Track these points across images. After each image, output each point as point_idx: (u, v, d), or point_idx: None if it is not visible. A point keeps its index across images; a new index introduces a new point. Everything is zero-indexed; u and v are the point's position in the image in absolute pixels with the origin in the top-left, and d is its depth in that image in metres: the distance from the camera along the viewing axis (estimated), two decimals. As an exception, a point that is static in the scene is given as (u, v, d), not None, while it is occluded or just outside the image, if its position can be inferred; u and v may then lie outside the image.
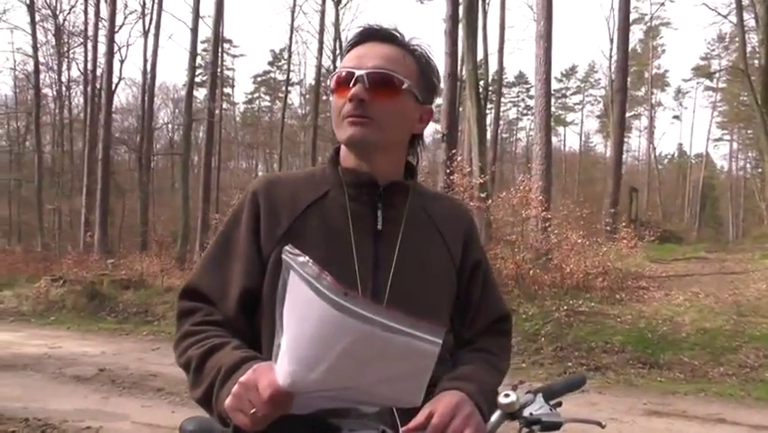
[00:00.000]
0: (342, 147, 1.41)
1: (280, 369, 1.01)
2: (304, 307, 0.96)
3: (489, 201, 12.64)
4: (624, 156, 26.75)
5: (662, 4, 36.31)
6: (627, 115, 31.70)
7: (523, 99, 54.27)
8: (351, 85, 1.31)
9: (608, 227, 16.18)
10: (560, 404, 1.40)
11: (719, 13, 27.99)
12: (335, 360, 0.96)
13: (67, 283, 14.54)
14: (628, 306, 10.11)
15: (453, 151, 13.97)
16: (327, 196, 1.38)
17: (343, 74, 1.34)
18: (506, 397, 1.28)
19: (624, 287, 11.62)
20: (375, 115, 1.31)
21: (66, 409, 5.68)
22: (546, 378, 7.32)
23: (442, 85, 14.65)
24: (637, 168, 51.38)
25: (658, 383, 7.20)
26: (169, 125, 44.47)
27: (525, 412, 1.31)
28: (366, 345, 0.94)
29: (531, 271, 11.04)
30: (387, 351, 0.95)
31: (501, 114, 40.57)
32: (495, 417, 1.30)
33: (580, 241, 11.95)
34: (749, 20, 24.78)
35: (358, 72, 1.31)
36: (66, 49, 32.03)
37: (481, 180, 13.96)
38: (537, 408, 1.32)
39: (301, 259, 0.99)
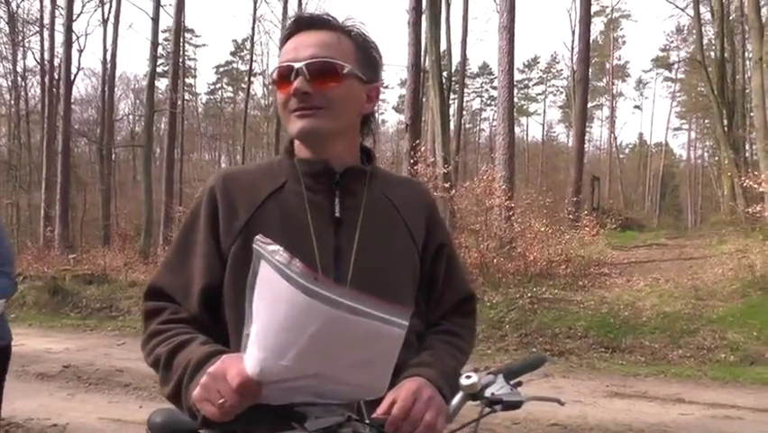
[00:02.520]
0: None
1: (249, 357, 1.02)
2: (274, 294, 0.98)
3: (453, 191, 12.76)
4: (586, 145, 27.13)
5: (622, -5, 36.80)
6: (589, 105, 32.22)
7: (486, 90, 54.58)
8: (292, 79, 1.31)
9: (570, 216, 16.43)
10: (520, 384, 1.42)
11: (677, 6, 28.60)
12: (304, 345, 0.97)
13: (27, 279, 14.24)
14: (591, 292, 10.33)
15: (417, 141, 14.05)
16: (285, 187, 1.38)
17: (283, 68, 1.33)
18: (467, 378, 1.31)
19: (586, 274, 11.87)
20: (321, 104, 1.31)
21: (31, 408, 5.60)
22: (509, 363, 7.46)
23: (405, 75, 14.89)
24: (599, 157, 52.12)
25: (620, 366, 7.38)
26: (130, 117, 43.81)
27: (487, 393, 1.34)
28: (334, 329, 0.96)
29: (495, 260, 11.20)
30: (354, 335, 0.97)
31: (464, 104, 40.79)
32: (457, 398, 1.33)
33: (543, 229, 12.16)
34: (705, 13, 25.38)
35: (296, 65, 1.31)
36: (21, 37, 31.21)
37: (445, 170, 14.09)
38: (498, 388, 1.35)
39: (271, 247, 1.01)
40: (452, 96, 27.45)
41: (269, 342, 1.00)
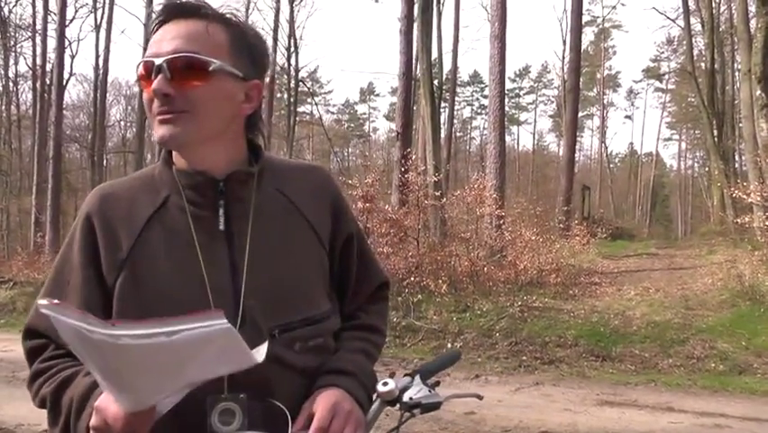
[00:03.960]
0: None
1: (115, 400, 1.01)
2: (90, 348, 0.94)
3: (444, 199, 12.82)
4: (576, 155, 27.28)
5: (614, 7, 37.36)
6: (580, 114, 32.44)
7: (477, 98, 54.92)
8: (152, 77, 1.15)
9: (561, 225, 16.55)
10: (438, 383, 1.40)
11: (668, 17, 29.00)
12: (152, 374, 0.96)
13: (17, 285, 14.17)
14: (581, 301, 10.37)
15: (408, 149, 14.12)
16: (167, 203, 1.24)
17: (143, 64, 1.17)
18: (384, 385, 1.28)
19: (577, 283, 11.93)
20: (183, 107, 1.15)
21: (21, 414, 5.56)
22: (502, 372, 7.48)
23: (396, 84, 14.94)
24: (590, 166, 52.48)
25: (610, 375, 7.41)
26: (122, 123, 43.67)
27: (405, 397, 1.31)
28: (165, 353, 0.93)
29: (485, 268, 11.22)
30: (188, 348, 0.93)
31: (455, 112, 40.94)
32: (375, 406, 1.30)
33: (533, 238, 12.22)
34: (696, 24, 25.62)
35: (157, 61, 1.14)
36: (12, 43, 31.11)
37: (436, 179, 14.16)
38: (416, 391, 1.33)
39: (57, 308, 0.93)
40: (442, 104, 27.61)
41: (119, 383, 0.98)
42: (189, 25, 1.17)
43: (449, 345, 8.59)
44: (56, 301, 0.94)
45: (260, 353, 1.03)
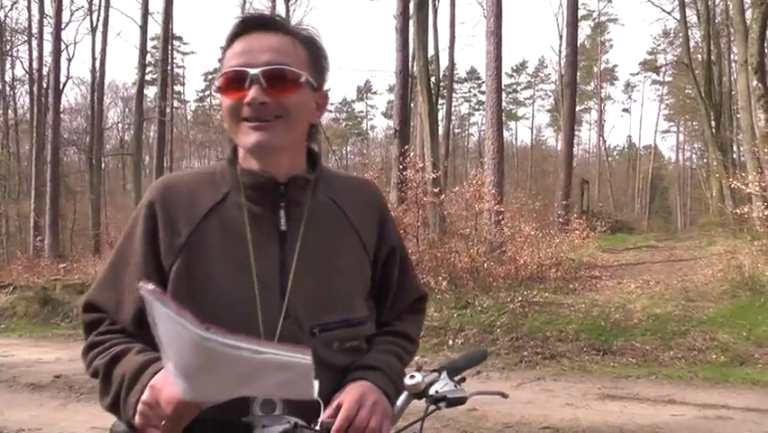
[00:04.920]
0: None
1: (177, 385, 1.05)
2: (176, 338, 0.99)
3: (443, 196, 12.80)
4: (575, 149, 27.31)
5: (610, 0, 37.14)
6: (578, 108, 32.38)
7: (474, 95, 54.94)
8: (246, 86, 1.23)
9: (560, 219, 16.53)
10: (464, 380, 1.44)
11: (664, 10, 29.07)
12: (223, 378, 1.00)
13: (17, 290, 14.17)
14: (581, 295, 10.37)
15: (406, 146, 14.09)
16: (227, 199, 1.32)
17: (234, 73, 1.25)
18: (411, 378, 1.32)
19: (577, 277, 11.92)
20: (278, 113, 1.25)
21: (22, 419, 5.57)
22: (503, 367, 7.49)
23: (393, 81, 14.95)
24: (588, 160, 52.42)
25: (611, 369, 7.42)
26: (120, 125, 43.69)
27: (431, 391, 1.35)
28: (245, 366, 0.98)
29: (485, 264, 11.21)
30: (266, 367, 0.98)
31: (453, 109, 41.00)
32: (402, 398, 1.35)
33: (533, 233, 12.22)
34: (692, 16, 25.63)
35: (252, 71, 1.23)
36: (9, 47, 31.13)
37: (434, 175, 14.14)
38: (442, 385, 1.37)
39: (157, 295, 0.99)
40: (440, 101, 27.55)
41: (190, 375, 1.02)
42: (276, 40, 1.28)
43: (450, 342, 8.60)
44: (158, 289, 1.00)
45: (315, 389, 1.08)
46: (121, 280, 1.33)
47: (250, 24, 1.29)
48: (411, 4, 16.35)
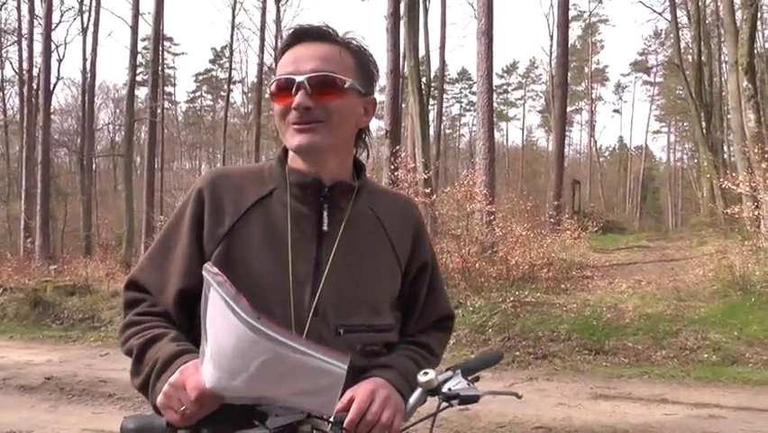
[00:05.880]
0: None
1: (206, 373, 1.07)
2: (224, 323, 1.01)
3: (434, 196, 12.81)
4: (566, 150, 27.35)
5: (600, 1, 37.46)
6: (569, 109, 32.48)
7: (465, 95, 54.98)
8: (293, 92, 1.31)
9: (551, 219, 16.56)
10: (477, 379, 1.47)
11: (654, 11, 29.20)
12: (254, 372, 1.02)
13: (7, 291, 14.05)
14: (573, 295, 10.38)
15: (397, 146, 14.10)
16: (272, 195, 1.39)
17: (283, 80, 1.34)
18: (424, 375, 1.33)
19: (569, 277, 11.95)
20: (321, 117, 1.32)
21: (12, 421, 5.53)
22: (495, 367, 7.48)
23: (384, 82, 14.96)
24: (579, 161, 52.56)
25: (603, 368, 7.44)
26: (110, 126, 43.46)
27: (444, 388, 1.37)
28: (280, 363, 1.01)
29: (477, 265, 11.21)
30: (300, 369, 1.01)
31: (444, 110, 41.10)
32: (415, 395, 1.37)
33: (524, 233, 12.23)
34: (682, 17, 25.76)
35: (298, 78, 1.31)
36: (-2, 48, 30.90)
37: (426, 176, 14.16)
38: (456, 383, 1.39)
39: (219, 279, 1.04)
40: (431, 101, 27.61)
41: (223, 364, 1.04)
42: (323, 48, 1.35)
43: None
44: (221, 273, 1.04)
45: (336, 406, 1.11)
46: (165, 264, 1.38)
47: (300, 35, 1.37)
48: (402, 5, 16.34)
